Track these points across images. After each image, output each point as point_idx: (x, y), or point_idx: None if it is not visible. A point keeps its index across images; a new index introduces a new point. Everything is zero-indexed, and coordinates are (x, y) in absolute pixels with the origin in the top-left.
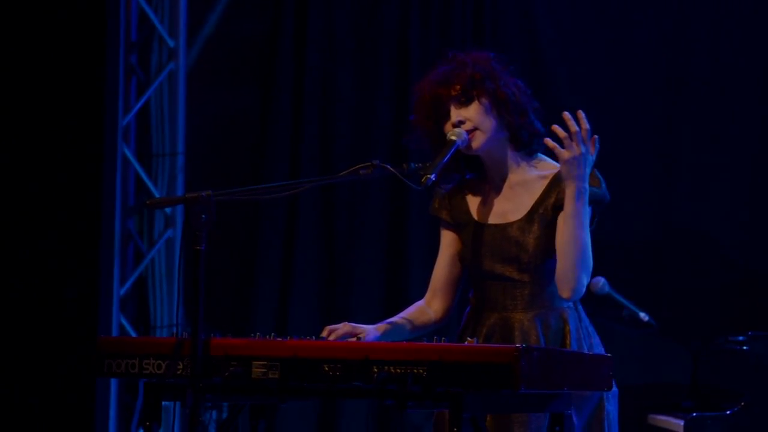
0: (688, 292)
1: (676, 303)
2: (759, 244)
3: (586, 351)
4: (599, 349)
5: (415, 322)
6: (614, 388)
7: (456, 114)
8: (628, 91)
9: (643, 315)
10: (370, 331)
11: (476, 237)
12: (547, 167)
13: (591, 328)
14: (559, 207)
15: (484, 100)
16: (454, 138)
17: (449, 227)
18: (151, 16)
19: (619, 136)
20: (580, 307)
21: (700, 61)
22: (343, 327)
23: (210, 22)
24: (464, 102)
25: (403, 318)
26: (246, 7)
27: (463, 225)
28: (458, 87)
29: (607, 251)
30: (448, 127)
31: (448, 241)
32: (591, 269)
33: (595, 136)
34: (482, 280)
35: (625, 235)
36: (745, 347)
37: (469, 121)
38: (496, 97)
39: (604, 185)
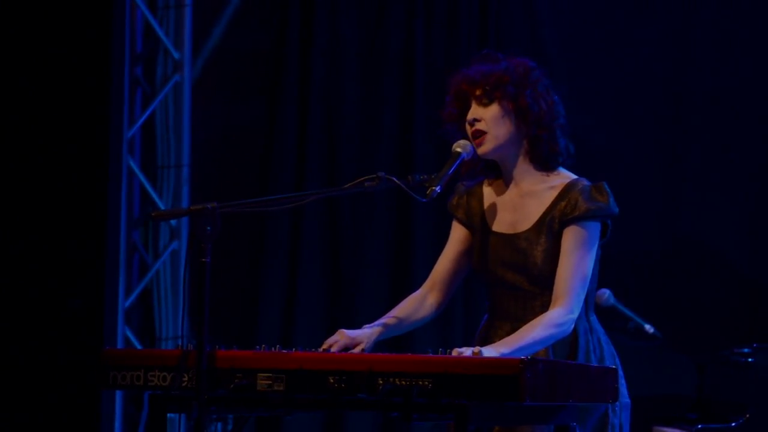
0: (693, 304)
1: (681, 315)
2: (764, 256)
3: (594, 363)
4: (609, 361)
5: (408, 319)
6: (626, 399)
7: (473, 112)
8: (634, 103)
9: (648, 327)
10: (365, 337)
11: (488, 244)
12: (559, 178)
13: (604, 339)
14: (565, 220)
15: (504, 104)
16: (459, 150)
17: (462, 224)
18: (157, 28)
19: (624, 147)
20: (592, 318)
21: (705, 70)
22: (342, 339)
23: (215, 34)
24: (485, 103)
25: (394, 317)
26: (251, 19)
27: (476, 228)
28: (483, 86)
29: (612, 263)
30: (466, 125)
31: (458, 237)
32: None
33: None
34: (495, 288)
35: (631, 247)
36: (750, 359)
37: (484, 122)
38: (516, 103)
39: (611, 199)
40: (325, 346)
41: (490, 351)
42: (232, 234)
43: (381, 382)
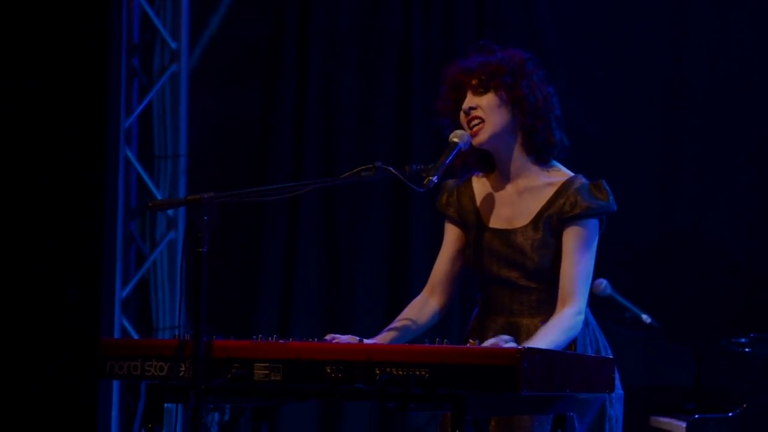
0: (690, 294)
1: (678, 305)
2: (761, 246)
3: (591, 355)
4: (604, 353)
5: (415, 323)
6: (620, 391)
7: (469, 100)
8: (631, 95)
9: (645, 317)
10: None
11: (482, 240)
12: (557, 174)
13: (598, 331)
14: (565, 218)
15: (500, 93)
16: (456, 140)
17: (455, 223)
18: (153, 18)
19: (621, 138)
20: (587, 311)
21: (702, 64)
22: (347, 337)
23: (212, 24)
24: (480, 92)
25: (402, 322)
26: (248, 9)
27: (469, 225)
28: (479, 76)
29: (609, 253)
30: (461, 114)
31: (452, 237)
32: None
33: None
34: (489, 283)
35: (628, 237)
36: (747, 349)
37: (480, 110)
38: (512, 93)
39: (611, 197)
40: (328, 338)
41: None
42: (229, 224)
43: (378, 371)
